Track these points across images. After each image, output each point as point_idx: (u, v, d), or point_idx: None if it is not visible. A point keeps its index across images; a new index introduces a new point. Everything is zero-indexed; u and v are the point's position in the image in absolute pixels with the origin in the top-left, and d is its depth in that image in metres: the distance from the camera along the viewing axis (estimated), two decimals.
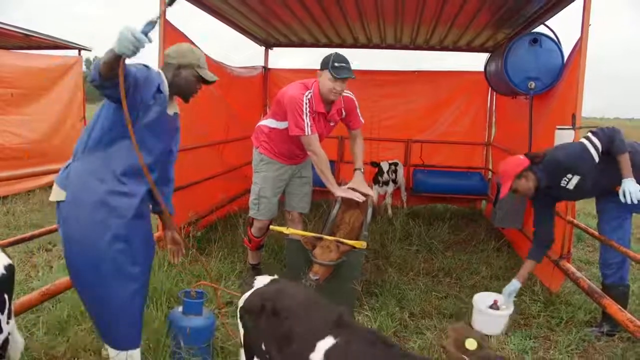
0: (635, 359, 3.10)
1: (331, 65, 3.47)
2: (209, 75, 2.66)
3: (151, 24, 2.06)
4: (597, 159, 3.19)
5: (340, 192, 3.79)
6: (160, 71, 2.58)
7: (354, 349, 1.69)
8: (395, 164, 6.71)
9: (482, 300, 3.53)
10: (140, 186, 2.44)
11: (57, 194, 2.39)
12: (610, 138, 3.15)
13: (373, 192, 6.31)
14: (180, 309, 2.74)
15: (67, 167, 2.44)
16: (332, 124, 3.85)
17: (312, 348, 1.73)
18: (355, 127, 3.99)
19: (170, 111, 2.61)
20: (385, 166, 6.47)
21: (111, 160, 2.37)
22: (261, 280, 2.25)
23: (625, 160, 3.12)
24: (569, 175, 3.27)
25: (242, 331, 2.14)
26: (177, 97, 2.68)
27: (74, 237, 2.35)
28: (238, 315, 2.18)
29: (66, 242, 2.38)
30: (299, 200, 4.07)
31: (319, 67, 3.64)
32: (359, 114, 3.95)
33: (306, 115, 3.54)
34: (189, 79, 2.62)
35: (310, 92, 3.60)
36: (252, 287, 2.21)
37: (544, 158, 3.34)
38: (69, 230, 2.37)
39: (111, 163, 2.37)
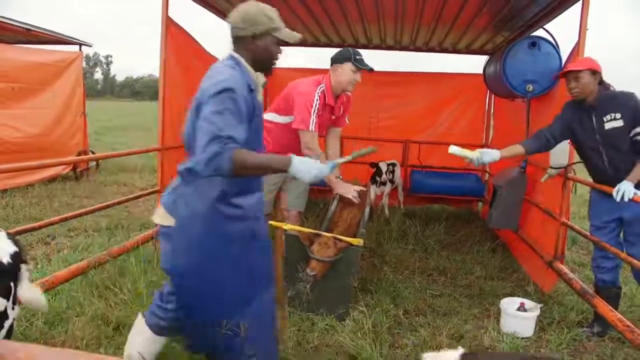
0: (623, 359, 3.16)
1: (354, 58, 3.68)
2: (289, 35, 2.23)
3: (335, 166, 2.29)
4: (631, 135, 3.22)
5: (341, 188, 3.82)
6: (238, 58, 2.19)
7: None
8: (393, 165, 6.76)
9: (509, 304, 3.58)
10: (252, 199, 2.27)
11: (163, 218, 2.19)
12: None
13: (371, 192, 6.37)
14: None
15: (174, 189, 2.22)
16: (333, 117, 3.92)
17: None
18: (342, 125, 4.10)
19: (260, 96, 2.30)
20: (383, 166, 6.51)
21: (222, 181, 2.12)
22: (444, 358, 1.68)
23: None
24: (618, 115, 3.24)
25: None
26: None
27: (187, 270, 2.18)
28: None
29: (177, 275, 2.23)
30: (295, 198, 4.09)
31: (319, 66, 3.73)
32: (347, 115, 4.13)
33: (314, 112, 3.65)
34: (269, 48, 2.21)
35: (322, 87, 3.72)
36: None
37: (612, 88, 3.37)
38: (179, 261, 2.19)
39: (223, 184, 2.13)
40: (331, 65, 3.78)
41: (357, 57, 3.70)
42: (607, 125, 3.29)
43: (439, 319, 3.60)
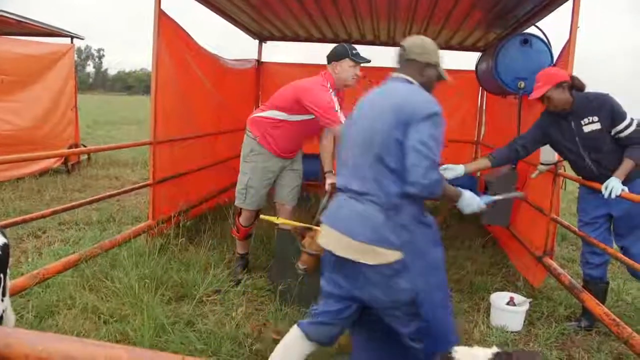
0: (609, 351, 3.20)
1: (351, 52, 3.71)
2: (445, 74, 2.49)
3: (490, 201, 2.56)
4: (612, 133, 3.26)
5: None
6: (415, 82, 2.35)
7: None
8: None
9: (499, 298, 3.62)
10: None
11: (387, 255, 2.12)
12: (638, 139, 3.22)
13: None
14: None
15: (385, 225, 2.12)
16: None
17: None
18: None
19: None
20: None
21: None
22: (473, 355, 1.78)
23: (628, 165, 3.16)
24: (595, 118, 3.28)
25: None
26: None
27: (430, 287, 2.21)
28: None
29: (422, 301, 2.19)
30: (289, 192, 4.11)
31: (311, 62, 3.73)
32: None
33: (338, 108, 3.60)
34: (433, 79, 2.43)
35: (328, 84, 3.71)
36: None
37: (585, 89, 3.39)
38: (420, 284, 2.18)
39: (418, 200, 2.21)
40: (329, 63, 3.77)
41: (354, 51, 3.72)
42: (586, 129, 3.33)
43: None
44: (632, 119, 3.26)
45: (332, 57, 3.75)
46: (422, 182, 2.03)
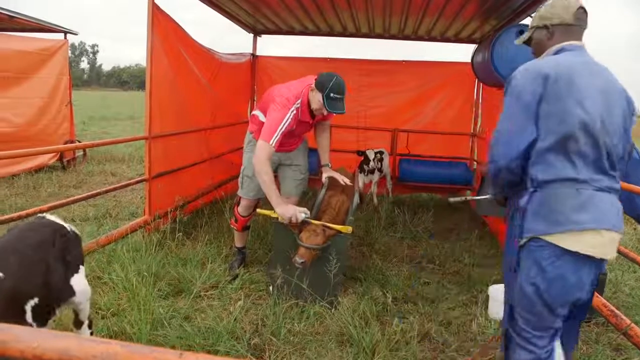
0: (607, 342, 3.21)
1: (327, 94, 3.46)
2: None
3: None
4: None
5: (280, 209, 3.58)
6: None
7: None
8: (381, 153, 6.77)
9: (497, 291, 3.61)
10: None
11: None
12: None
13: (360, 181, 6.39)
14: None
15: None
16: (316, 123, 3.92)
17: None
18: (329, 118, 4.04)
19: None
20: (371, 154, 6.51)
21: None
22: None
23: None
24: None
25: None
26: None
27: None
28: None
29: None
30: (291, 184, 4.09)
31: (306, 55, 3.69)
32: None
33: (280, 129, 3.53)
34: None
35: (298, 103, 3.61)
36: None
37: None
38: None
39: None
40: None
41: (332, 94, 3.45)
42: None
43: (427, 305, 3.63)
44: None
45: (316, 81, 3.56)
46: None
